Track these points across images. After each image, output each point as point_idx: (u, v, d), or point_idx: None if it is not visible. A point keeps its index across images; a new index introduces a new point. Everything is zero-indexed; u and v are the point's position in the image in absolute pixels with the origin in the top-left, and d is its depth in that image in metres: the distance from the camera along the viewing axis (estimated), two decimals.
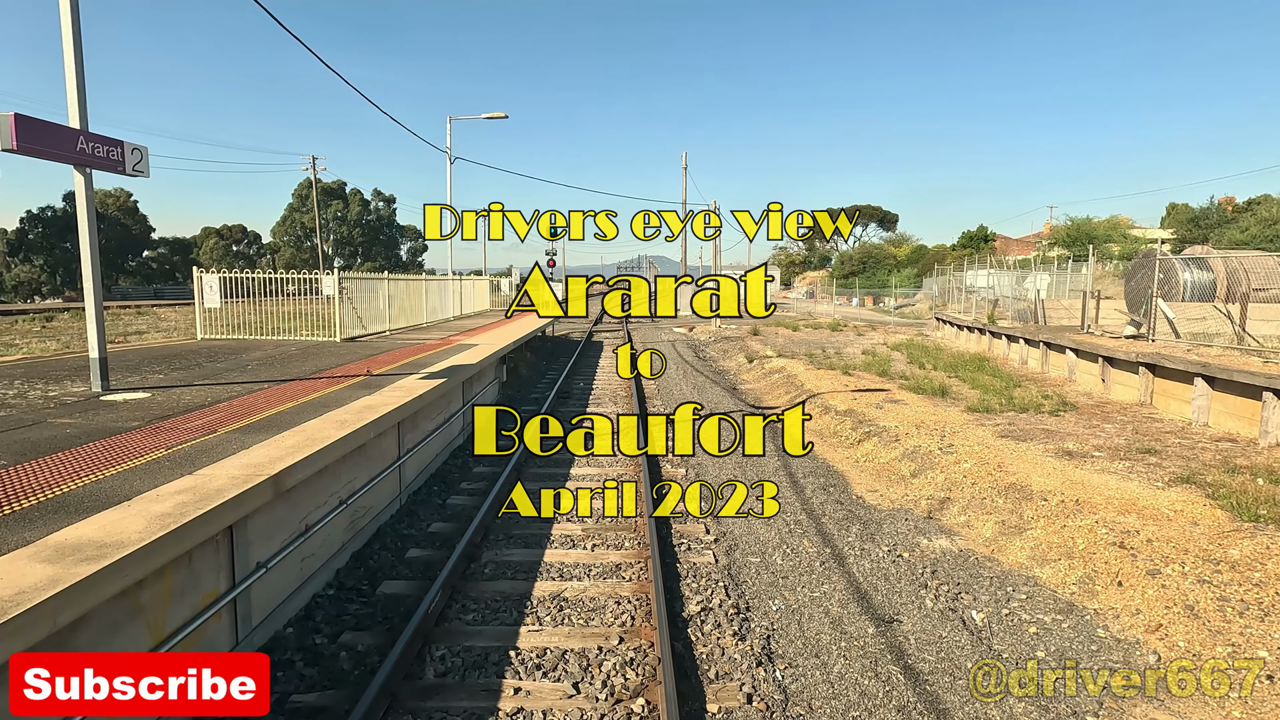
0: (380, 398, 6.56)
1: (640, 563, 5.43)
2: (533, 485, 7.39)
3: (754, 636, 4.41)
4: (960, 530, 6.64)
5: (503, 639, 4.25)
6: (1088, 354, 12.89)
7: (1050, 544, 5.94)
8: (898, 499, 7.60)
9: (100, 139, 6.00)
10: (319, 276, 12.11)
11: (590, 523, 6.34)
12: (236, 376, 7.51)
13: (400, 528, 6.13)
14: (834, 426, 10.92)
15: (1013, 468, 7.70)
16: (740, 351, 20.94)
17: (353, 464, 5.55)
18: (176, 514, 3.24)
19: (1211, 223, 36.73)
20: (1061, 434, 9.36)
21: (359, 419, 5.54)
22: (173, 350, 10.33)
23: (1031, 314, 19.27)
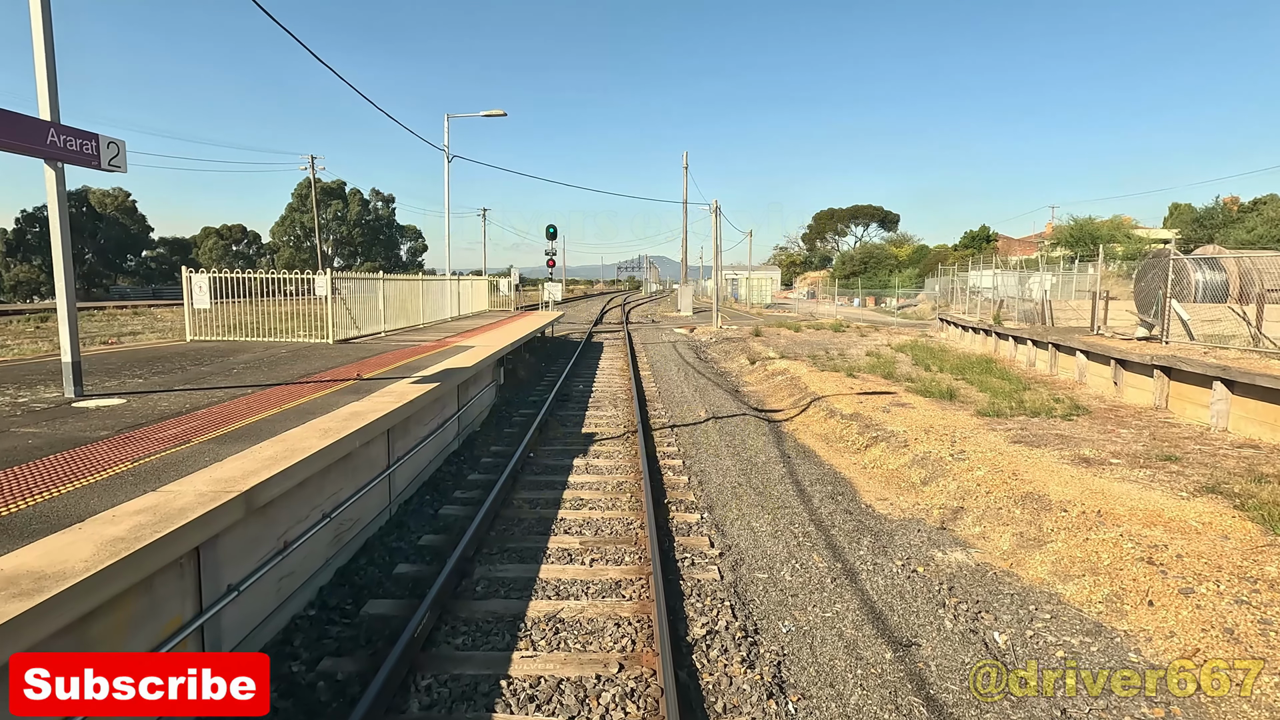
0: (369, 403, 6.26)
1: (641, 579, 5.13)
2: (529, 494, 7.10)
3: (764, 663, 4.11)
4: (976, 542, 6.34)
5: (494, 666, 3.96)
6: (1099, 356, 12.58)
7: (1073, 558, 5.64)
8: (909, 508, 7.30)
9: (73, 132, 5.71)
10: (312, 277, 11.79)
11: (589, 535, 6.04)
12: (220, 381, 7.20)
13: (389, 540, 5.83)
14: (840, 431, 10.62)
15: (1028, 475, 7.40)
16: (742, 353, 20.63)
17: (338, 474, 5.25)
18: (131, 538, 2.94)
19: (1217, 223, 36.42)
20: (1076, 440, 9.05)
21: (344, 427, 5.24)
22: (159, 353, 10.03)
23: (1038, 315, 18.96)
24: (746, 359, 19.14)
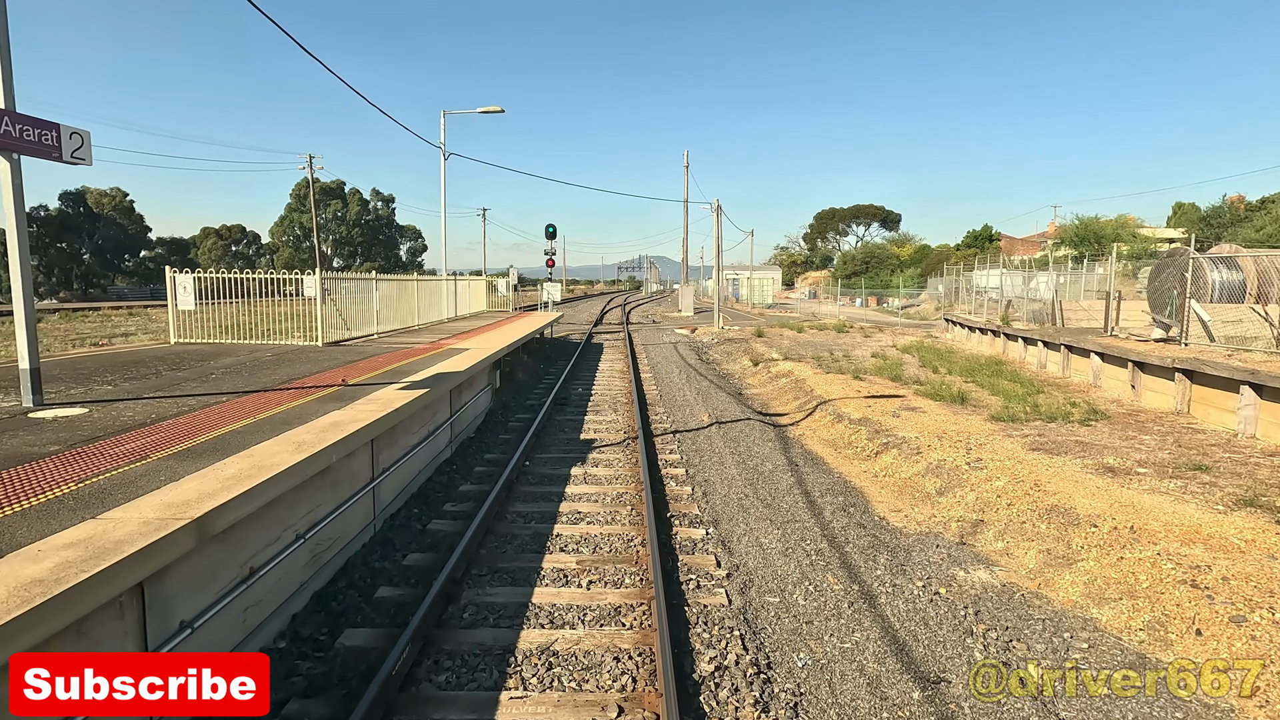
0: (350, 412, 5.86)
1: (643, 604, 4.73)
2: (524, 507, 6.70)
3: (779, 705, 3.71)
4: (999, 560, 5.94)
5: (479, 709, 3.56)
6: (1116, 359, 12.17)
7: (1107, 579, 5.24)
8: (925, 521, 6.90)
9: (32, 121, 5.30)
10: (300, 277, 11.38)
11: (586, 553, 5.64)
12: (195, 388, 6.79)
13: (372, 560, 5.42)
14: (848, 436, 10.21)
15: (1051, 486, 7.00)
16: (744, 354, 20.22)
17: (314, 490, 4.86)
18: (52, 580, 2.55)
19: (1224, 221, 36.00)
20: (1098, 447, 8.64)
21: (321, 439, 4.84)
22: (138, 356, 9.61)
23: (1048, 315, 18.54)
24: (749, 360, 18.72)
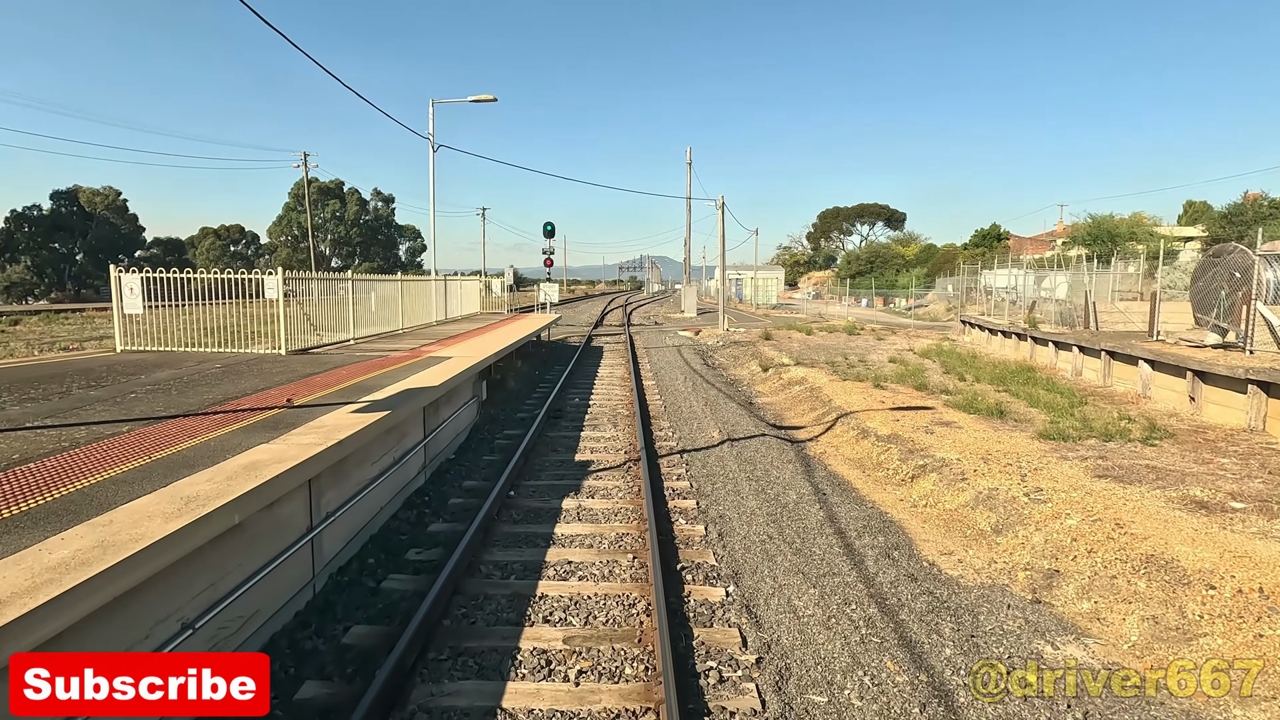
0: (281, 446, 4.70)
1: (649, 711, 3.56)
2: (503, 555, 5.53)
3: None
4: (1089, 627, 4.77)
5: None
6: (1171, 367, 10.98)
7: (1246, 665, 4.07)
8: (984, 568, 5.74)
9: None
10: (262, 277, 10.21)
11: (576, 625, 4.47)
12: (101, 412, 5.61)
13: (302, 639, 4.25)
14: (877, 456, 9.05)
15: (1136, 527, 5.83)
16: (752, 358, 19.04)
17: (218, 556, 3.71)
18: None
19: (1246, 219, 34.73)
20: (1175, 473, 7.46)
21: (221, 491, 3.67)
22: (61, 369, 8.38)
23: (1079, 317, 17.35)
24: (758, 365, 17.55)
